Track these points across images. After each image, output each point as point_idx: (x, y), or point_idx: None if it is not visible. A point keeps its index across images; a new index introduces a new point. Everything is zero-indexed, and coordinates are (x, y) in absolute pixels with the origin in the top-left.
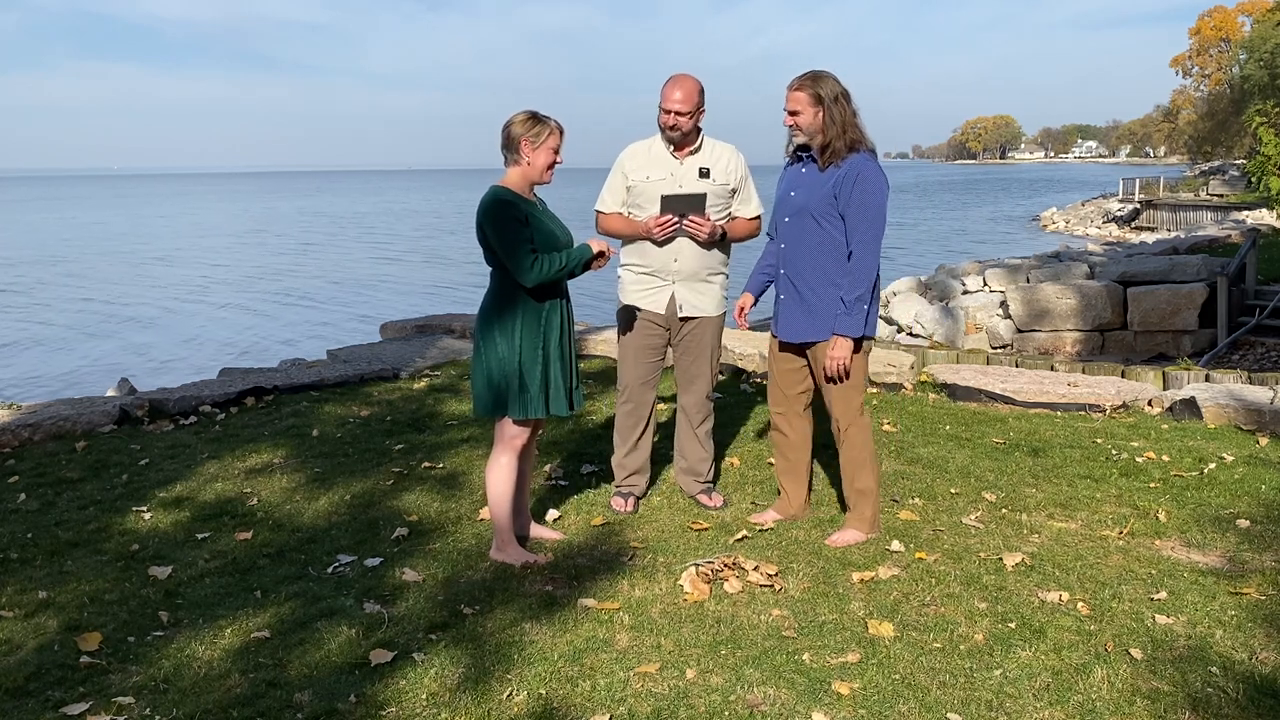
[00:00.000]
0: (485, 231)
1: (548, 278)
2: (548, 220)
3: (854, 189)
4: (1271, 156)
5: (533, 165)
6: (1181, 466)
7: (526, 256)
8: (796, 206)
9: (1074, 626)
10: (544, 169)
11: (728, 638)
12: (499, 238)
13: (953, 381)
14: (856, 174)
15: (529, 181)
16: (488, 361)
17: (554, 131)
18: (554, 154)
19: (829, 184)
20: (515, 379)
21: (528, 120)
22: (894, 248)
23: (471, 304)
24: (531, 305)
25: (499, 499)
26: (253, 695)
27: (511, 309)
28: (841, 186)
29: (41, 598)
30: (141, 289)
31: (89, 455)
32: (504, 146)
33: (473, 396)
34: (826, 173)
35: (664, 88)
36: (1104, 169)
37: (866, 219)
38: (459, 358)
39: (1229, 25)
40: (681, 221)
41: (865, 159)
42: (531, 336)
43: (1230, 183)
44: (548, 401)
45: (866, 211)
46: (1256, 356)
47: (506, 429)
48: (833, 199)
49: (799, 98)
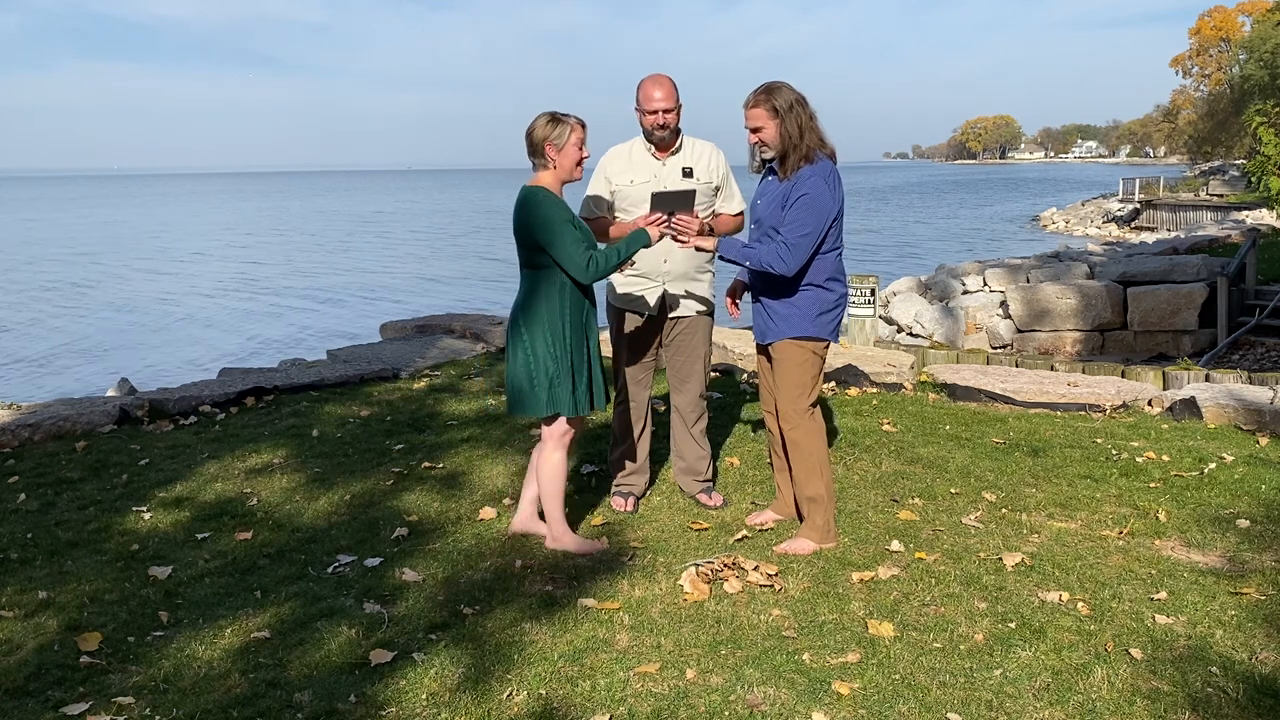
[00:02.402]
0: (532, 231)
1: (605, 272)
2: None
3: (794, 205)
4: (1271, 156)
5: (561, 166)
6: (1181, 466)
7: (583, 252)
8: (756, 217)
9: (1074, 626)
10: (573, 167)
11: (728, 638)
12: (548, 235)
13: (953, 381)
14: (801, 193)
15: (560, 181)
16: (524, 361)
17: (574, 128)
18: (579, 150)
19: (780, 197)
20: (550, 377)
21: (548, 123)
22: (894, 247)
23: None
24: (571, 305)
25: (554, 493)
26: (253, 695)
27: (552, 309)
28: (789, 197)
29: (41, 598)
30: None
31: (89, 455)
32: (530, 153)
33: (509, 396)
34: (784, 185)
35: (642, 90)
36: (1104, 169)
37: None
38: (459, 358)
39: (1229, 25)
40: (671, 220)
41: (813, 173)
42: (578, 336)
43: (1230, 183)
44: (592, 398)
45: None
46: (1256, 356)
47: (559, 425)
48: (780, 211)
49: (757, 114)
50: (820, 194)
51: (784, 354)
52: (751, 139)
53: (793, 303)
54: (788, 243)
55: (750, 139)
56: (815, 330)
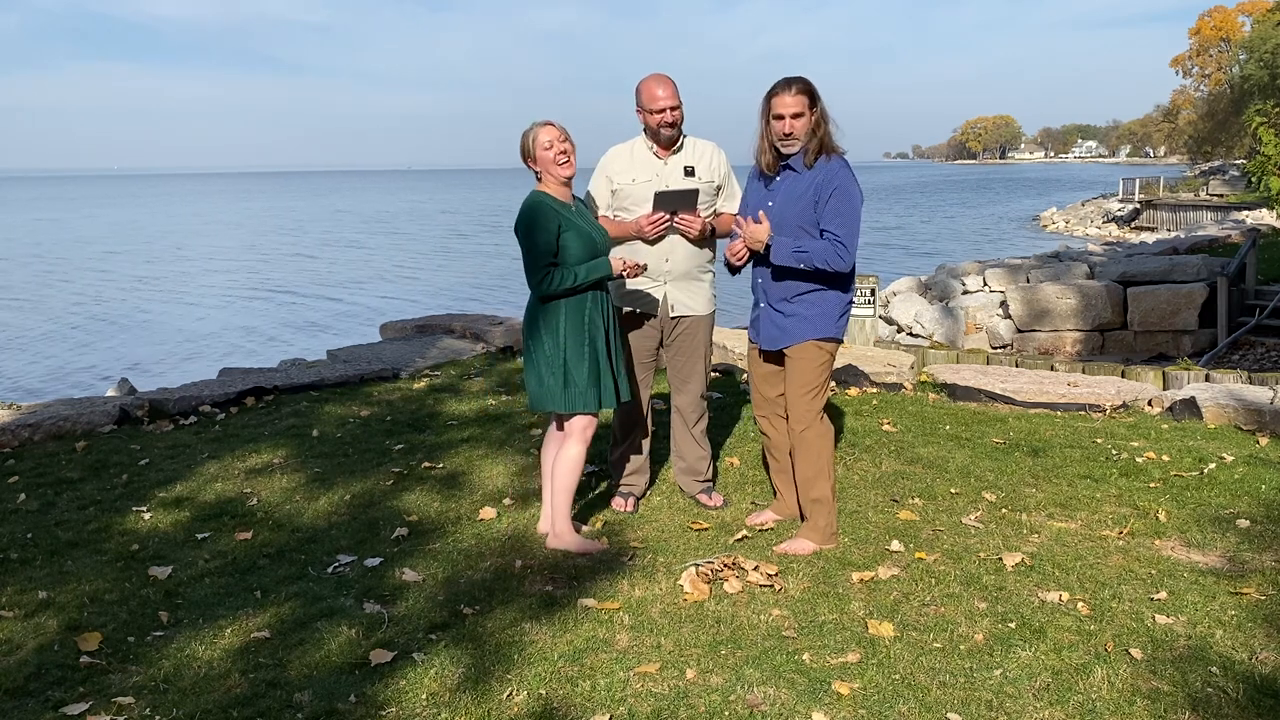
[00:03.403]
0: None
1: (557, 291)
2: (584, 223)
3: (831, 198)
4: (1271, 156)
5: (544, 170)
6: (1181, 466)
7: (540, 269)
8: (776, 218)
9: (1074, 626)
10: (553, 165)
11: (728, 638)
12: (523, 245)
13: (953, 381)
14: (834, 186)
15: (557, 183)
16: (537, 359)
17: (536, 132)
18: (549, 149)
19: (808, 193)
20: (562, 375)
21: (523, 135)
22: (894, 247)
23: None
24: (572, 303)
25: (566, 489)
26: (253, 695)
27: (554, 308)
28: (821, 193)
29: (41, 598)
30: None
31: (89, 455)
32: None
33: (528, 393)
34: (805, 181)
35: (645, 91)
36: (1104, 169)
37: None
38: (459, 358)
39: (1229, 25)
40: (673, 219)
41: (842, 166)
42: (576, 334)
43: (1230, 183)
44: (600, 395)
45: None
46: (1256, 356)
47: (577, 421)
48: (812, 208)
49: (800, 100)
50: (850, 186)
51: (804, 355)
52: (788, 127)
53: (818, 304)
54: (842, 239)
55: (786, 127)
56: (835, 331)
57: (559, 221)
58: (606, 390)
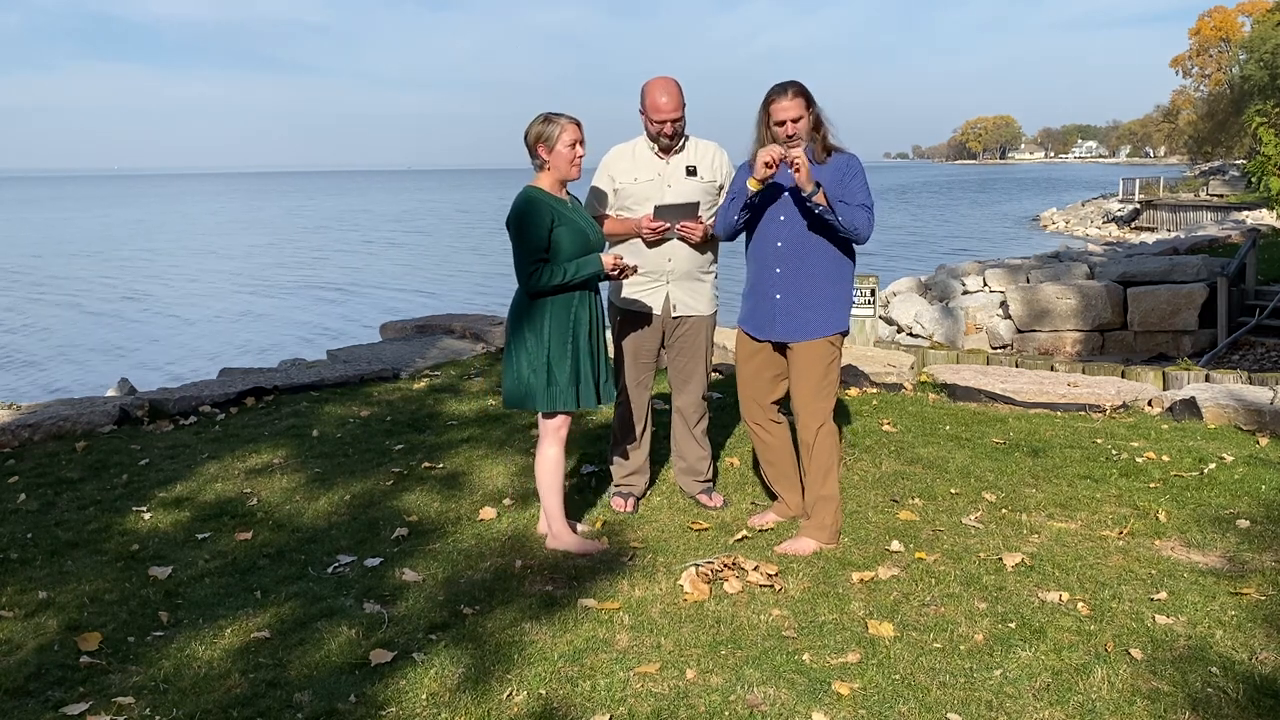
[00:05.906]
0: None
1: (545, 288)
2: (579, 219)
3: (854, 180)
4: (1271, 156)
5: (555, 166)
6: (1181, 466)
7: (528, 266)
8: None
9: (1074, 626)
10: (567, 167)
11: (728, 638)
12: (513, 240)
13: (953, 381)
14: (856, 171)
15: (557, 181)
16: (519, 356)
17: (565, 127)
18: (572, 149)
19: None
20: (544, 372)
21: (541, 124)
22: (894, 247)
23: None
24: (559, 301)
25: (551, 489)
26: (253, 695)
27: (540, 305)
28: (845, 177)
29: (41, 598)
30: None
31: (89, 455)
32: (529, 154)
33: (503, 390)
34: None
35: (648, 97)
36: (1104, 169)
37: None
38: (459, 358)
39: (1229, 25)
40: (674, 227)
41: (850, 157)
42: (560, 331)
43: (1230, 183)
44: (578, 395)
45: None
46: (1256, 356)
47: (551, 421)
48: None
49: (798, 103)
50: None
51: (818, 351)
52: (788, 130)
53: (832, 298)
54: (869, 208)
55: (789, 129)
56: (845, 325)
57: (552, 217)
58: (586, 390)
